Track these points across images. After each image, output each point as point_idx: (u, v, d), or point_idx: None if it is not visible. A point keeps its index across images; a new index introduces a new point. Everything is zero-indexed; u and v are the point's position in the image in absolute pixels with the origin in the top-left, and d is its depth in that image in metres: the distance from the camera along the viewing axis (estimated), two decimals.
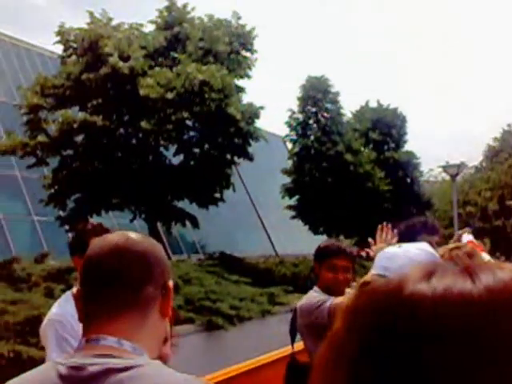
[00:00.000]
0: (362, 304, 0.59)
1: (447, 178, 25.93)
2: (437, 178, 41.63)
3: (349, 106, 31.06)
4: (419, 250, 1.82)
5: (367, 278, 1.85)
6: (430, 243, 2.48)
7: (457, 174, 22.15)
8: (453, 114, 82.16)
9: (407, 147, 33.89)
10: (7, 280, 9.81)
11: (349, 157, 27.33)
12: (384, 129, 32.78)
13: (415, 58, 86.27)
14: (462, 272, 0.54)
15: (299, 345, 3.43)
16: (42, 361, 7.11)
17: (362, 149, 29.09)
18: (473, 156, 57.52)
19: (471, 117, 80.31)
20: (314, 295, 3.25)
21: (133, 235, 1.35)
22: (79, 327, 2.68)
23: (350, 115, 31.76)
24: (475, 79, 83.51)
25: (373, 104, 33.95)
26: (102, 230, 2.85)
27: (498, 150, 40.62)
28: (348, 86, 76.84)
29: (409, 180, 32.92)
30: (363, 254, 3.28)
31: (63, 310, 2.85)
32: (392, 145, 33.56)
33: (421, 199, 32.89)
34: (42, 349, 7.15)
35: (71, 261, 3.07)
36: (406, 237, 2.82)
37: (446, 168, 22.34)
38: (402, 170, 32.14)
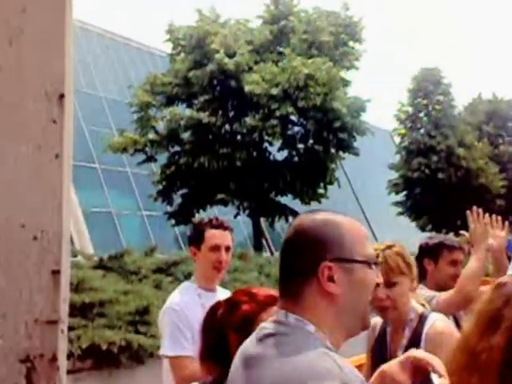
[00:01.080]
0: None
1: None
2: None
3: (459, 98, 29.66)
4: None
5: (503, 279, 1.75)
6: None
7: None
8: None
9: None
10: (119, 272, 10.13)
11: (461, 151, 26.17)
12: (499, 122, 31.20)
13: None
14: None
15: None
16: (151, 349, 7.12)
17: (475, 143, 27.67)
18: None
19: None
20: (420, 292, 3.16)
21: (308, 220, 1.41)
22: (193, 317, 2.73)
23: (461, 108, 30.31)
24: None
25: (486, 96, 32.32)
26: (217, 223, 2.97)
27: None
28: (459, 78, 73.43)
29: None
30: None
31: (179, 300, 2.92)
32: (507, 138, 31.88)
33: None
34: (152, 337, 7.33)
35: (178, 254, 3.44)
36: None
37: None
38: None
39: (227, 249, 2.95)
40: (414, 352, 1.39)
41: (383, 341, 2.43)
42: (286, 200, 19.21)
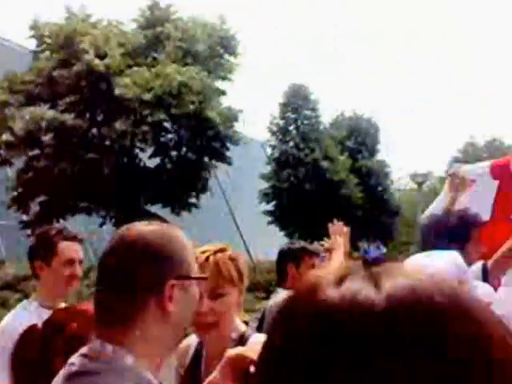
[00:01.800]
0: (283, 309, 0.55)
1: (416, 186, 24.75)
2: (406, 186, 40.87)
3: (325, 113, 29.54)
4: (443, 261, 1.71)
5: None
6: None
7: (423, 183, 21.81)
8: (425, 124, 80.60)
9: (380, 156, 33.05)
10: None
11: (325, 164, 25.99)
12: (359, 137, 31.80)
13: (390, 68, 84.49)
14: (369, 278, 0.52)
15: None
16: None
17: (338, 156, 27.68)
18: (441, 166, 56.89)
19: (441, 128, 78.76)
20: (281, 295, 3.17)
21: (144, 233, 1.23)
22: None
23: (326, 123, 30.39)
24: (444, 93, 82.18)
25: (349, 113, 32.85)
26: (71, 235, 2.64)
27: (461, 160, 39.86)
28: (326, 94, 74.78)
29: (380, 188, 32.16)
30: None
31: (15, 321, 2.46)
32: (366, 153, 32.61)
33: (391, 206, 32.01)
34: None
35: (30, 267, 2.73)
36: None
37: (413, 177, 21.66)
38: (374, 178, 31.38)
39: (80, 262, 2.63)
40: (228, 353, 1.19)
41: (197, 368, 1.91)
42: (156, 209, 17.39)
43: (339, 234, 3.06)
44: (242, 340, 1.89)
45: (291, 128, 26.90)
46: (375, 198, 30.45)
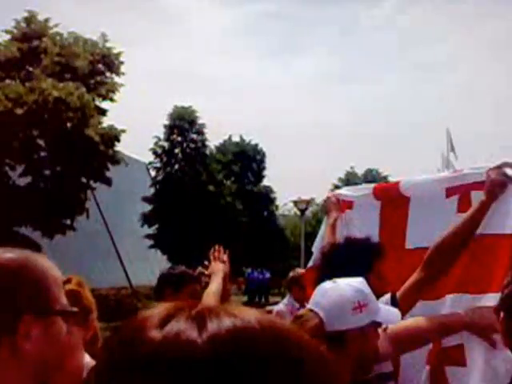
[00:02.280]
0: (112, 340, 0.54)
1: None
2: (290, 212, 41.76)
3: (212, 138, 29.23)
4: (349, 287, 1.76)
5: (301, 312, 1.80)
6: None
7: (306, 209, 21.91)
8: (310, 152, 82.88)
9: (266, 182, 33.52)
10: None
11: (211, 187, 25.79)
12: (245, 163, 32.09)
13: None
14: (193, 319, 0.51)
15: None
16: None
17: (225, 181, 27.63)
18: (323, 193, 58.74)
19: (324, 156, 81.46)
20: None
21: None
22: None
23: (213, 147, 30.33)
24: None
25: (236, 138, 33.12)
26: None
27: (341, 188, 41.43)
28: (213, 118, 74.77)
29: (266, 213, 32.54)
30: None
31: None
32: (252, 178, 32.98)
33: (275, 231, 32.50)
34: None
35: None
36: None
37: (296, 203, 21.42)
38: (260, 202, 31.73)
39: None
40: None
41: None
42: (27, 231, 16.17)
43: (219, 259, 3.07)
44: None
45: (177, 151, 26.43)
46: (260, 222, 30.70)
